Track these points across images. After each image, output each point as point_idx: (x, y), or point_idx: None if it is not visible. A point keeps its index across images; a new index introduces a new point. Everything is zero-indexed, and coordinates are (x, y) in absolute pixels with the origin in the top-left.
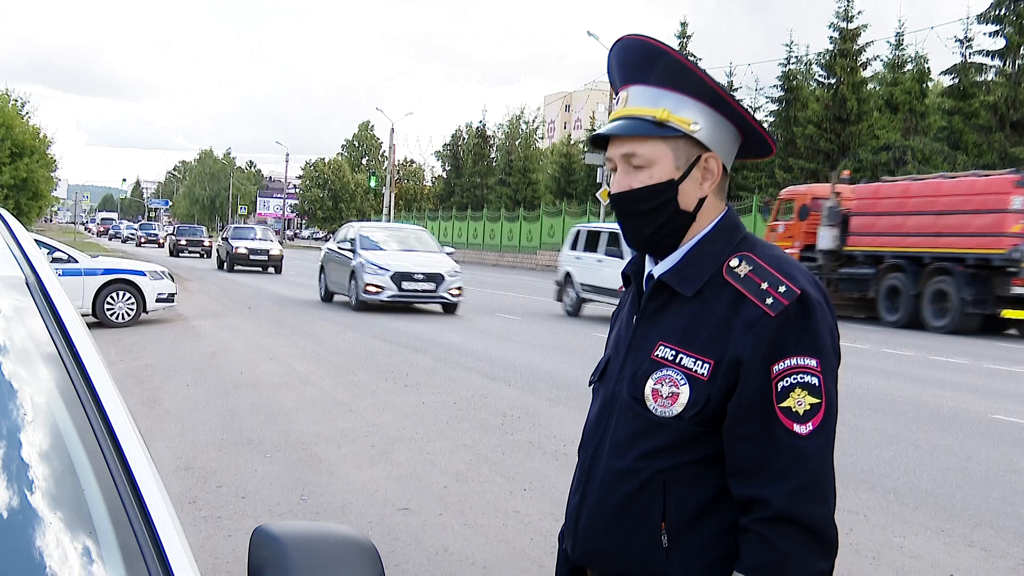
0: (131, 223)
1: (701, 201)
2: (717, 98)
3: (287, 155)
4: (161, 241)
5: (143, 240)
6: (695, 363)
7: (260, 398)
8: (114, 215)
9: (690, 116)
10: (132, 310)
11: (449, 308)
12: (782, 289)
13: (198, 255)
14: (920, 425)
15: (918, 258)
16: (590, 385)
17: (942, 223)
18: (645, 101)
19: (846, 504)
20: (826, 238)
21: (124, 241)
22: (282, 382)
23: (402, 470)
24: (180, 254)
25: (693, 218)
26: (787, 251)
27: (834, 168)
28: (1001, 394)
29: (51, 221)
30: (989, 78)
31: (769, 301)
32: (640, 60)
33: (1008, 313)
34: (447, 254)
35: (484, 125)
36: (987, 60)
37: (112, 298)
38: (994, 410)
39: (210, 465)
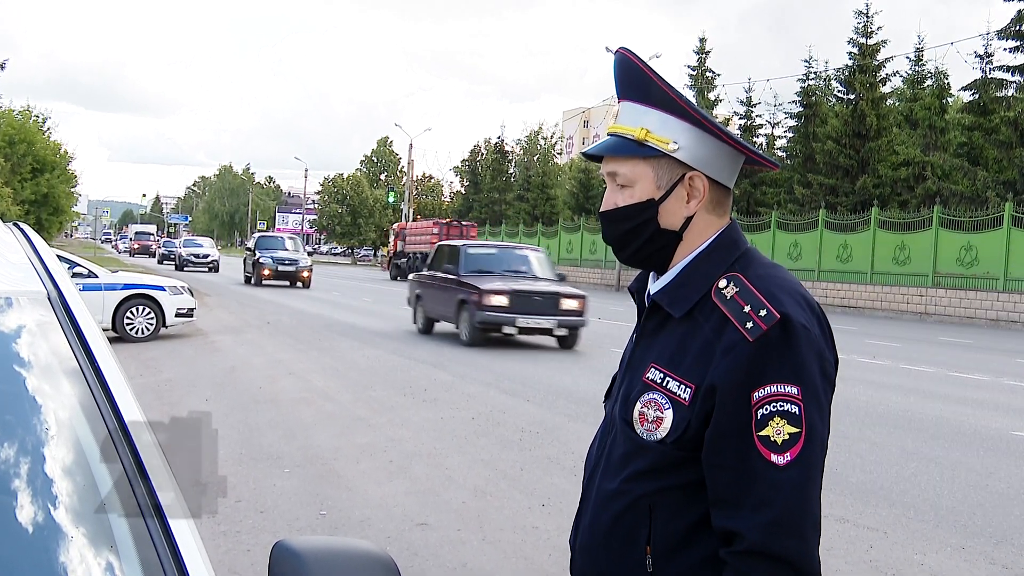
0: (191, 238)
1: (688, 219)
2: (698, 118)
3: (306, 170)
4: (305, 275)
5: (267, 273)
6: (679, 387)
7: (279, 413)
8: (151, 228)
9: (670, 135)
10: (152, 325)
11: (304, 284)
12: (763, 313)
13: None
14: (940, 442)
15: (423, 254)
16: (604, 402)
17: (422, 239)
18: (629, 119)
19: (865, 521)
20: (400, 246)
21: (180, 267)
22: (301, 397)
23: (420, 485)
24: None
25: (680, 237)
26: (388, 252)
27: (854, 182)
28: (1022, 411)
29: (71, 236)
30: (1009, 93)
31: (749, 325)
32: (627, 77)
33: None
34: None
35: (503, 141)
36: (1007, 76)
37: (132, 313)
38: (1015, 427)
39: (229, 480)
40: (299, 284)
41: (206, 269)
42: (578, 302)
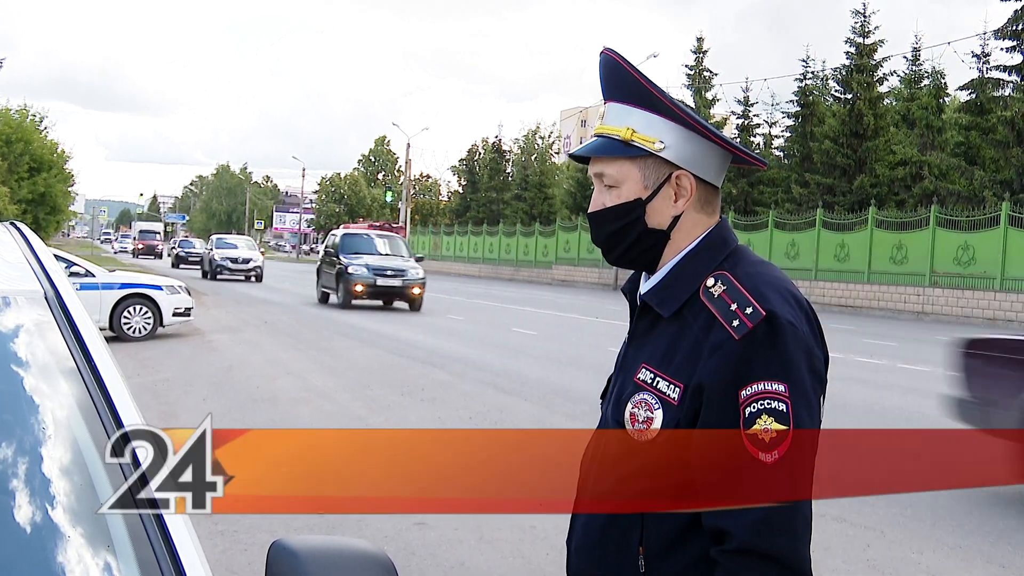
0: (222, 237)
1: (676, 219)
2: (683, 117)
3: (303, 170)
4: (416, 292)
5: (359, 290)
6: (668, 387)
7: (277, 412)
8: (157, 226)
9: (656, 135)
10: (149, 324)
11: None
12: (749, 311)
13: None
14: None
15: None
16: (600, 402)
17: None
18: (615, 119)
19: (863, 520)
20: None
21: (213, 274)
22: (299, 396)
23: None
24: None
25: (668, 236)
26: None
27: (851, 181)
28: None
29: (69, 236)
30: (1006, 93)
31: (735, 323)
32: (612, 78)
33: None
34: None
35: (500, 140)
36: (1004, 75)
37: (129, 312)
38: None
39: None
40: (406, 304)
41: (244, 278)
42: None
